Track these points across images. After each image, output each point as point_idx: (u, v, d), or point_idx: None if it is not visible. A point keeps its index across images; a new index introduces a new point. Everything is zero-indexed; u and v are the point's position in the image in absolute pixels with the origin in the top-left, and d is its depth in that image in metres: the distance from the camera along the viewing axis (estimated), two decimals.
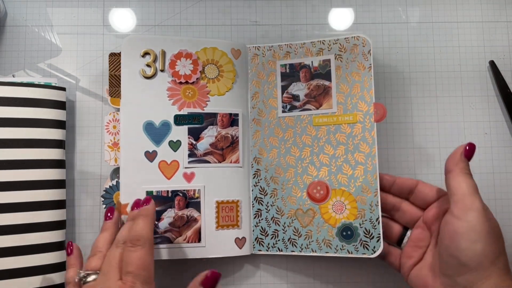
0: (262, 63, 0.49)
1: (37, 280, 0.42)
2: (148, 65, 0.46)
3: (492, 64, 0.51)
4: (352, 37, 0.46)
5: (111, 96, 0.46)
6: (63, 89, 0.46)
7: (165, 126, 0.46)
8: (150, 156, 0.45)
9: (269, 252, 0.46)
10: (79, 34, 0.51)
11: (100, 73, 0.50)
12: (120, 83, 0.46)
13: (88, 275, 0.37)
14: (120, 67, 0.46)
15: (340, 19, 0.52)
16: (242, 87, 0.48)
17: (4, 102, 0.43)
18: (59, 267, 0.44)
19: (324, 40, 0.47)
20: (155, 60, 0.46)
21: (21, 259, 0.42)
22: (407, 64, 0.51)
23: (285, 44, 0.48)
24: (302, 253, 0.45)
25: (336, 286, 0.48)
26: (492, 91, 0.51)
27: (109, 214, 0.42)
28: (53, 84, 0.46)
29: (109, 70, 0.47)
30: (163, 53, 0.46)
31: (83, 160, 0.49)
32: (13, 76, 0.49)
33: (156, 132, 0.45)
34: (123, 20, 0.51)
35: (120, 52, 0.46)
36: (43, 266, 0.43)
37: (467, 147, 0.39)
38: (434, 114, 0.51)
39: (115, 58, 0.47)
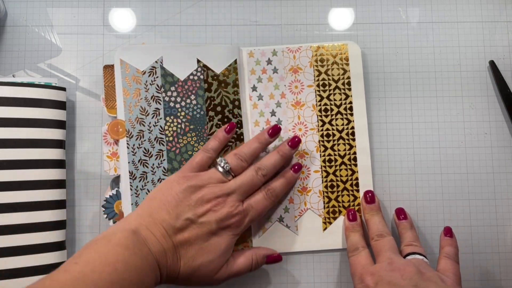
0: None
1: (37, 280, 0.42)
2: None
3: (492, 64, 0.51)
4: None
5: (107, 107, 0.47)
6: (63, 89, 0.46)
7: None
8: None
9: None
10: (79, 34, 0.51)
11: (100, 73, 0.50)
12: (115, 96, 0.46)
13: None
14: (114, 81, 0.47)
15: (340, 19, 0.52)
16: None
17: (4, 102, 0.43)
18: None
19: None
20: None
21: (21, 259, 0.42)
22: (407, 64, 0.51)
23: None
24: None
25: (336, 285, 0.48)
26: (492, 91, 0.51)
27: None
28: (53, 84, 0.46)
29: (104, 82, 0.47)
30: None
31: (83, 160, 0.49)
32: (13, 76, 0.49)
33: None
34: (123, 20, 0.51)
35: (113, 64, 0.47)
36: (43, 266, 0.43)
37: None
38: (434, 114, 0.51)
39: (109, 70, 0.47)
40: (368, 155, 0.48)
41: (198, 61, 0.47)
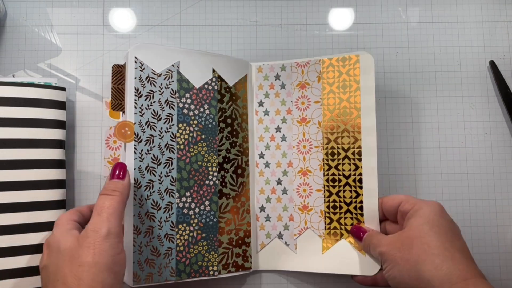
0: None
1: (36, 280, 0.42)
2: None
3: (492, 64, 0.51)
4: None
5: (113, 109, 0.43)
6: (63, 89, 0.46)
7: None
8: None
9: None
10: (79, 34, 0.51)
11: (100, 73, 0.50)
12: (123, 97, 0.43)
13: None
14: (123, 81, 0.43)
15: (340, 19, 0.52)
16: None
17: (4, 102, 0.43)
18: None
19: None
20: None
21: (21, 259, 0.42)
22: (407, 64, 0.51)
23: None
24: None
25: None
26: (492, 91, 0.51)
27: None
28: (53, 84, 0.46)
29: (112, 82, 0.43)
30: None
31: (83, 160, 0.49)
32: (13, 76, 0.49)
33: None
34: (123, 20, 0.51)
35: (123, 64, 0.43)
36: None
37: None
38: (434, 114, 0.51)
39: (119, 70, 0.44)
40: (375, 177, 0.44)
41: (213, 70, 0.46)
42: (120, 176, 0.39)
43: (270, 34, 0.51)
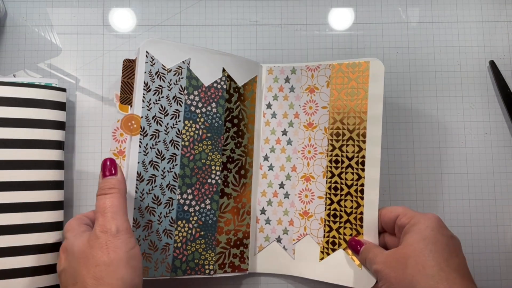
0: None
1: (33, 281, 0.42)
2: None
3: (492, 64, 0.51)
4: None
5: (122, 103, 0.43)
6: (64, 90, 0.46)
7: None
8: None
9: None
10: (79, 34, 0.51)
11: (100, 73, 0.50)
12: (132, 91, 0.43)
13: None
14: (133, 75, 0.43)
15: (340, 19, 0.52)
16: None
17: (4, 102, 0.43)
18: (56, 268, 0.44)
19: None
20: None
21: (19, 259, 0.42)
22: (407, 64, 0.51)
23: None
24: None
25: None
26: (492, 91, 0.51)
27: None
28: (54, 85, 0.45)
29: (122, 76, 0.44)
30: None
31: (83, 160, 0.49)
32: (14, 76, 0.49)
33: None
34: (123, 20, 0.51)
35: (135, 59, 0.43)
36: (40, 267, 0.42)
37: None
38: (434, 114, 0.51)
39: (129, 65, 0.44)
40: (377, 189, 0.43)
41: (224, 70, 0.46)
42: (113, 172, 0.38)
43: (270, 34, 0.51)
